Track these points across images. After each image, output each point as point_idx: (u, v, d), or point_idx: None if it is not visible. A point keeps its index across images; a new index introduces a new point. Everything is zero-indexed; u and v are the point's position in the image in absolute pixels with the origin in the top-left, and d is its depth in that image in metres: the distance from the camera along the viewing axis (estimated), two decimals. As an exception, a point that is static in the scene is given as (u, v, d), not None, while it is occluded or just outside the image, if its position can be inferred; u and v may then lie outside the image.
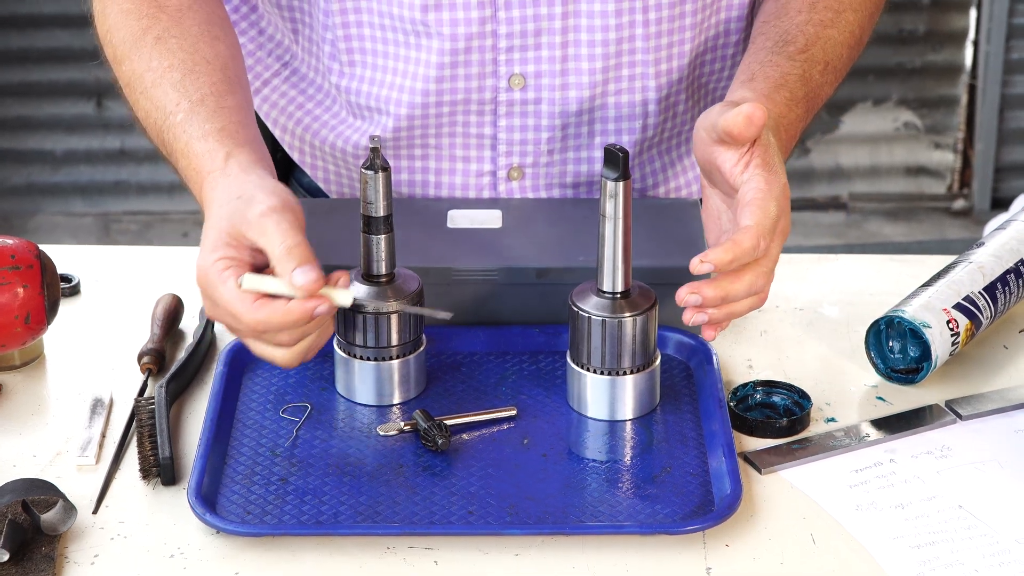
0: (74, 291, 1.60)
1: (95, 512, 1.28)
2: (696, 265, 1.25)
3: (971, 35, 4.29)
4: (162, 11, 1.45)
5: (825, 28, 1.47)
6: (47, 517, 1.24)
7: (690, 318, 1.28)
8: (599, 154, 1.60)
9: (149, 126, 1.40)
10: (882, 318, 1.45)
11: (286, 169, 1.76)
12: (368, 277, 1.38)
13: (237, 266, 1.25)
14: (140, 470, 1.32)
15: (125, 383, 1.45)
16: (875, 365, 1.46)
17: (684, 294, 1.27)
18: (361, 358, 1.39)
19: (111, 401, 1.42)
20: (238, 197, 1.27)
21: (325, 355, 1.44)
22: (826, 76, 1.46)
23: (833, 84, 1.49)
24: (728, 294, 1.28)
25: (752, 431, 1.38)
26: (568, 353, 1.39)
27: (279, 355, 1.27)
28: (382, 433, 1.36)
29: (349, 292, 1.26)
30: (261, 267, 1.26)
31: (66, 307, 1.55)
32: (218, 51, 1.43)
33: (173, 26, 1.44)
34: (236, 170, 1.31)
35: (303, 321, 1.23)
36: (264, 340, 1.26)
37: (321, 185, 1.69)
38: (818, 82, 1.45)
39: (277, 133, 1.68)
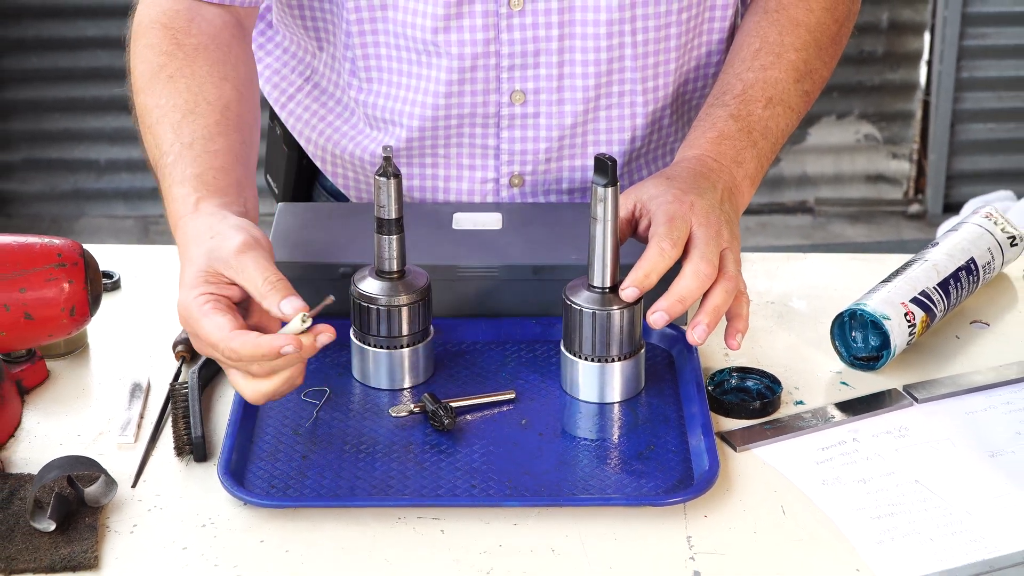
0: (115, 286, 1.59)
1: (134, 486, 1.28)
2: (623, 294, 1.32)
3: (925, 56, 4.29)
4: (180, 48, 1.43)
5: (765, 70, 1.51)
6: (90, 491, 1.24)
7: (661, 326, 1.32)
8: (592, 163, 1.59)
9: (151, 160, 1.40)
10: (846, 311, 1.45)
11: (310, 174, 1.75)
12: (381, 274, 1.37)
13: (215, 301, 1.24)
14: (175, 448, 1.31)
15: (161, 369, 1.44)
16: (839, 353, 1.46)
17: (650, 319, 1.31)
18: (375, 347, 1.39)
19: (148, 386, 1.42)
20: (211, 237, 1.27)
21: (342, 344, 1.44)
22: (773, 109, 1.50)
23: (789, 113, 1.52)
24: (683, 295, 1.31)
25: (728, 413, 1.37)
26: (562, 342, 1.39)
27: (248, 390, 1.25)
28: (394, 414, 1.36)
29: (316, 337, 1.23)
30: (238, 301, 1.26)
31: (108, 301, 1.54)
32: (222, 92, 1.41)
33: (185, 66, 1.42)
34: (205, 214, 1.30)
35: (271, 356, 1.21)
36: (239, 369, 1.25)
37: (341, 190, 1.69)
38: (760, 115, 1.49)
39: (302, 143, 1.68)
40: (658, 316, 1.31)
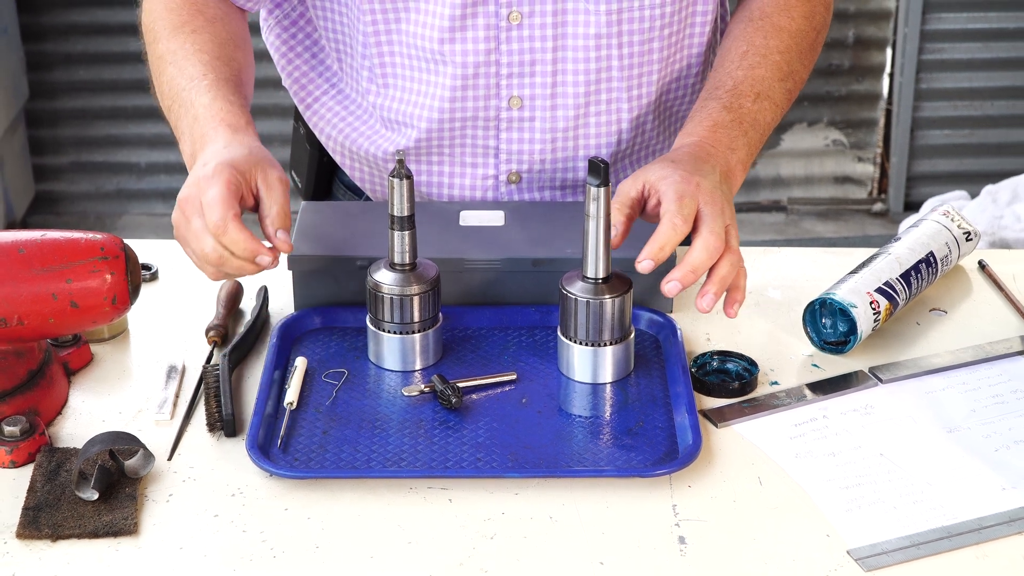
0: (153, 277, 1.59)
1: (170, 459, 1.27)
2: (640, 266, 1.29)
3: (887, 69, 4.28)
4: (201, 14, 1.51)
5: (753, 69, 1.50)
6: (130, 463, 1.24)
7: (675, 294, 1.30)
8: (582, 163, 1.59)
9: (171, 87, 1.46)
10: (816, 299, 1.44)
11: (330, 170, 1.75)
12: (394, 266, 1.37)
13: (237, 187, 1.29)
14: (207, 424, 1.31)
15: (195, 353, 1.44)
16: (811, 338, 1.45)
17: (665, 288, 1.30)
18: (389, 332, 1.38)
19: (183, 368, 1.41)
20: (260, 151, 1.34)
21: (359, 330, 1.43)
22: (760, 103, 1.49)
23: (774, 108, 1.51)
24: (695, 266, 1.30)
25: (710, 392, 1.36)
26: (559, 328, 1.38)
27: (202, 267, 1.32)
28: (406, 393, 1.35)
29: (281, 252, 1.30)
30: (241, 197, 1.30)
31: (146, 291, 1.54)
32: (236, 56, 1.49)
33: (207, 26, 1.50)
34: (252, 135, 1.37)
35: (250, 255, 1.28)
36: (197, 253, 1.30)
37: (358, 184, 1.69)
38: (750, 108, 1.48)
39: (323, 140, 1.68)
40: (672, 285, 1.30)
